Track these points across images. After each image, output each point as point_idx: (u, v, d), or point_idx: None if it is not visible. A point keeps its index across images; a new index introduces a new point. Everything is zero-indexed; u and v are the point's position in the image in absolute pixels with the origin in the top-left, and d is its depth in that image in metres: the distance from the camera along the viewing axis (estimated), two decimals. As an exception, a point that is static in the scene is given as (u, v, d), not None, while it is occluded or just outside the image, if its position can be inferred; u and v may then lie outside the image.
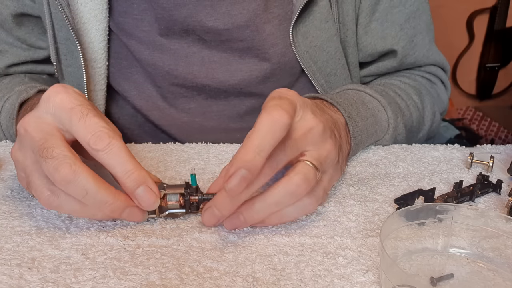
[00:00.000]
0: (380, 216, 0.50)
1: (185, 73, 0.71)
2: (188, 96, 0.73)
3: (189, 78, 0.71)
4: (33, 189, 0.45)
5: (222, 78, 0.71)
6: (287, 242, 0.46)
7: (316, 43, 0.70)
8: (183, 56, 0.70)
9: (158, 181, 0.49)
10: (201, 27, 0.68)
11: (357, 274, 0.42)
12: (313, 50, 0.70)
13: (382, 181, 0.57)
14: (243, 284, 0.40)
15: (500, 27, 2.15)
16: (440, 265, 0.44)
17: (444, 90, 0.81)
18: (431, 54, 0.78)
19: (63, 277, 0.41)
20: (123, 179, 0.44)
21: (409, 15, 0.74)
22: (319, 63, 0.71)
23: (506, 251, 0.43)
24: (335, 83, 0.73)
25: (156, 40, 0.69)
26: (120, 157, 0.44)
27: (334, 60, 0.72)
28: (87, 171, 0.43)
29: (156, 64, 0.70)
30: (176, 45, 0.70)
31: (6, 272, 0.41)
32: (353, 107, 0.61)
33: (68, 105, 0.44)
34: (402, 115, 0.69)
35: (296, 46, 0.69)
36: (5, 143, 0.67)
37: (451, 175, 0.59)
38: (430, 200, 0.52)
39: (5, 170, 0.59)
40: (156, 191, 0.45)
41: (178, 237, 0.46)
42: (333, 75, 0.73)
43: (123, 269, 0.42)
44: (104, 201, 0.44)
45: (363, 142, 0.62)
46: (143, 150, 0.64)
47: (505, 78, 2.27)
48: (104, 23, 0.68)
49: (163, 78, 0.72)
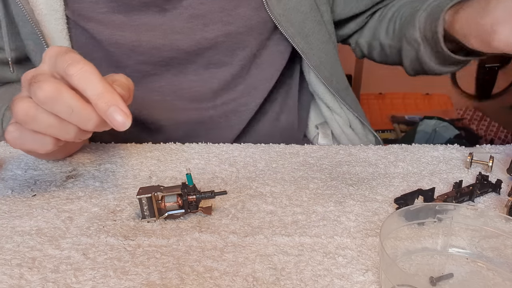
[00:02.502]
0: (379, 216, 0.50)
1: (149, 47, 0.69)
2: (157, 73, 0.72)
3: (154, 54, 0.69)
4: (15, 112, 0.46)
5: (188, 48, 0.69)
6: (287, 242, 0.46)
7: (290, 4, 0.69)
8: (145, 31, 0.68)
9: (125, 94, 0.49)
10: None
11: (357, 273, 0.42)
12: (289, 12, 0.69)
13: (382, 181, 0.57)
14: (243, 284, 0.41)
15: (499, 27, 2.15)
16: (439, 265, 0.44)
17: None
18: None
19: (64, 277, 0.41)
20: (95, 100, 0.45)
21: None
22: (297, 24, 0.70)
23: (505, 251, 0.43)
24: (314, 43, 0.73)
25: (115, 19, 0.68)
26: (91, 80, 0.45)
27: (310, 19, 0.71)
28: (71, 90, 0.45)
29: (119, 43, 0.69)
30: (136, 21, 0.68)
31: (6, 272, 0.41)
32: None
33: (56, 50, 0.47)
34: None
35: (270, 9, 0.67)
36: (5, 142, 0.67)
37: (451, 175, 0.59)
38: (429, 200, 0.52)
39: (5, 170, 0.59)
40: (127, 111, 0.46)
41: (178, 237, 0.46)
42: (311, 34, 0.72)
43: (124, 269, 0.42)
44: (89, 118, 0.45)
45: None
46: (143, 150, 0.65)
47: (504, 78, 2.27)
48: (60, 12, 0.67)
49: (127, 56, 0.70)
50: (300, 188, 0.55)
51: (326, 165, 0.61)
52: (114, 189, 0.55)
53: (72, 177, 0.58)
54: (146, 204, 0.48)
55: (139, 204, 0.48)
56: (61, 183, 0.56)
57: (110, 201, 0.53)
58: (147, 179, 0.57)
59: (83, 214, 0.50)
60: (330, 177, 0.58)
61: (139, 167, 0.60)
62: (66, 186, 0.56)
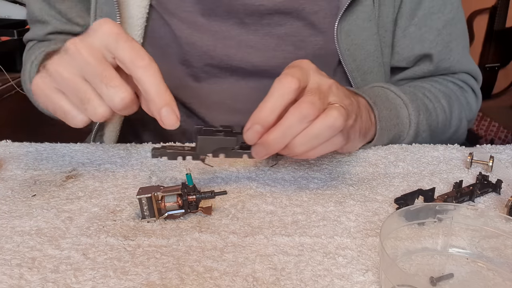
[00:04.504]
0: (380, 216, 0.50)
1: (221, 54, 0.72)
2: (221, 76, 0.75)
3: (224, 60, 0.73)
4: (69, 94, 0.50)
5: (257, 62, 0.73)
6: (287, 242, 0.46)
7: (357, 41, 0.71)
8: (222, 38, 0.72)
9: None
10: (244, 10, 0.69)
11: (357, 274, 0.42)
12: (354, 48, 0.71)
13: (382, 181, 0.57)
14: (243, 284, 0.41)
15: (499, 28, 2.16)
16: (440, 265, 0.44)
17: (474, 99, 0.82)
18: (465, 61, 0.80)
19: (63, 277, 0.41)
20: (154, 96, 0.48)
21: (447, 22, 0.76)
22: (358, 61, 0.72)
23: (505, 251, 0.43)
24: (370, 81, 0.74)
25: (197, 21, 0.71)
26: (156, 77, 0.48)
27: (372, 58, 0.73)
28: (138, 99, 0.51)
29: (195, 44, 0.72)
30: (216, 27, 0.71)
31: (6, 272, 0.41)
32: (377, 98, 0.65)
33: (115, 31, 0.49)
34: (428, 114, 0.71)
35: (338, 42, 0.70)
36: (5, 143, 0.67)
37: (451, 175, 0.59)
38: (429, 200, 0.52)
39: (5, 170, 0.59)
40: (178, 114, 0.49)
41: (178, 237, 0.46)
42: (369, 73, 0.74)
43: (123, 269, 0.42)
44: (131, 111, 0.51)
45: (387, 131, 0.64)
46: (143, 150, 0.64)
47: (504, 78, 2.27)
48: (146, 1, 0.70)
49: (199, 57, 0.73)
50: (300, 188, 0.55)
51: (326, 165, 0.61)
52: (114, 189, 0.55)
53: (72, 177, 0.58)
54: (146, 204, 0.48)
55: (139, 204, 0.48)
56: (61, 183, 0.56)
57: (110, 201, 0.52)
58: (147, 179, 0.57)
59: (83, 214, 0.50)
60: (330, 177, 0.58)
61: (139, 167, 0.60)
62: (66, 186, 0.56)
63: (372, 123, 0.63)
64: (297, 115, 0.48)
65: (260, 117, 0.49)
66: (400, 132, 0.67)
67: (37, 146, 0.66)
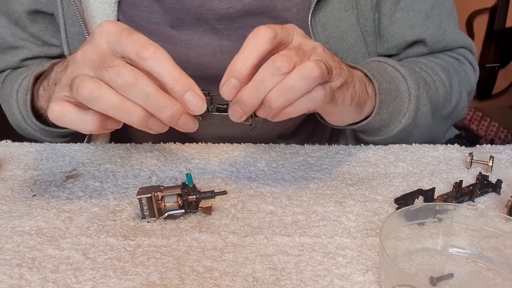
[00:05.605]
0: (380, 216, 0.50)
1: (196, 64, 0.70)
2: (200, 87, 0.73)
3: (199, 69, 0.71)
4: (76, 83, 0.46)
5: None
6: (287, 242, 0.46)
7: (336, 33, 0.69)
8: (194, 47, 0.70)
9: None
10: (213, 15, 0.68)
11: (357, 274, 0.42)
12: (333, 40, 0.69)
13: (382, 181, 0.57)
14: (243, 284, 0.41)
15: (499, 28, 2.15)
16: (440, 265, 0.44)
17: (472, 71, 0.80)
18: (459, 37, 0.78)
19: (63, 277, 0.41)
20: (172, 84, 0.45)
21: (434, 2, 0.73)
22: (340, 54, 0.70)
23: (505, 251, 0.43)
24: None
25: (166, 32, 0.69)
26: (167, 64, 0.46)
27: (355, 50, 0.71)
28: (147, 77, 0.45)
29: None
30: (187, 36, 0.70)
31: (6, 272, 0.41)
32: (376, 71, 0.62)
33: (117, 29, 0.47)
34: (428, 88, 0.68)
35: (315, 37, 0.68)
36: (5, 142, 0.67)
37: (451, 175, 0.59)
38: (429, 200, 0.52)
39: (5, 170, 0.59)
40: (202, 95, 0.47)
41: (178, 237, 0.46)
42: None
43: (123, 269, 0.42)
44: (164, 105, 0.45)
45: (387, 104, 0.62)
46: (143, 150, 0.64)
47: (504, 78, 2.27)
48: (112, 17, 0.69)
49: None
50: (300, 188, 0.55)
51: (326, 165, 0.61)
52: (114, 189, 0.55)
53: (72, 177, 0.58)
54: (146, 204, 0.48)
55: (139, 204, 0.48)
56: (61, 183, 0.56)
57: (110, 201, 0.52)
58: (147, 179, 0.57)
59: (83, 214, 0.50)
60: (330, 177, 0.58)
61: (139, 167, 0.60)
62: (66, 186, 0.56)
63: (369, 95, 0.60)
64: (270, 67, 0.46)
65: (233, 70, 0.47)
66: (400, 106, 0.65)
67: (37, 146, 0.66)
